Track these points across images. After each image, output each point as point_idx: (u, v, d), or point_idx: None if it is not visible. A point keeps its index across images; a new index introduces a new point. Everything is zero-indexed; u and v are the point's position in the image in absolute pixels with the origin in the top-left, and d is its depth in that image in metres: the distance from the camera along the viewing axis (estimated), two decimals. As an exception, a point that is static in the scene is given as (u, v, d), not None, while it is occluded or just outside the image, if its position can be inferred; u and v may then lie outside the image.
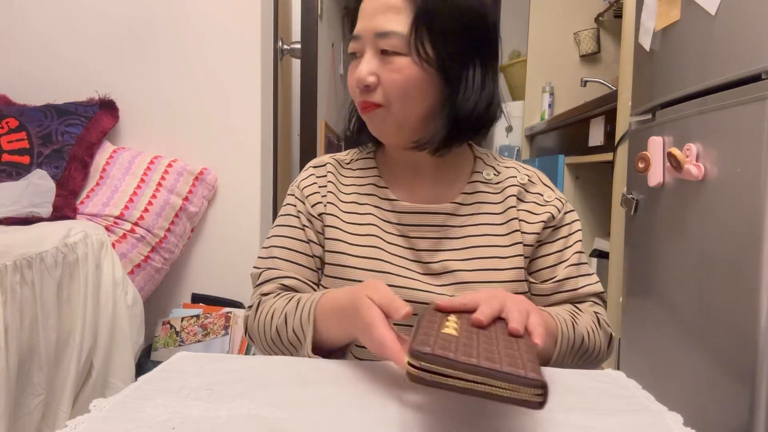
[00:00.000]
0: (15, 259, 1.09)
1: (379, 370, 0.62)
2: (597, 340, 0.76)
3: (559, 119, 2.52)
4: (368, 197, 0.81)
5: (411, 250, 0.77)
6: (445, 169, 0.81)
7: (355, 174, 0.84)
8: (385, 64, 0.72)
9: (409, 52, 0.71)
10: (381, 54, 0.72)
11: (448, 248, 0.77)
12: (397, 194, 0.80)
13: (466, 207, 0.79)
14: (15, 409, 1.08)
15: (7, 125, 1.62)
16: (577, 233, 0.82)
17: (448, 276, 0.75)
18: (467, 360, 0.43)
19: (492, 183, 0.81)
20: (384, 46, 0.72)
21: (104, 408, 0.51)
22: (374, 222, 0.79)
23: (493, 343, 0.49)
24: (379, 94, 0.73)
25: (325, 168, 0.84)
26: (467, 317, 0.55)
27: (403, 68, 0.72)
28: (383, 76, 0.73)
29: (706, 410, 1.05)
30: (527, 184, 0.81)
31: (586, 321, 0.76)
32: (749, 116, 0.95)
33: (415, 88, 0.73)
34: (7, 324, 1.04)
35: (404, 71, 0.72)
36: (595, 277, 0.82)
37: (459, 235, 0.77)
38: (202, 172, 1.76)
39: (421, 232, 0.77)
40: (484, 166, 0.83)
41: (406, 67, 0.72)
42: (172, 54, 1.83)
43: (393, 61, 0.72)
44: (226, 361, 0.64)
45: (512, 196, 0.79)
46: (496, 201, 0.80)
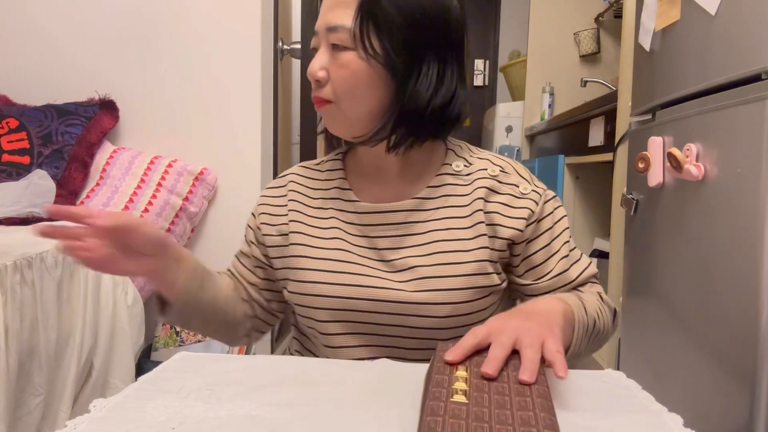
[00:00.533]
0: (15, 259, 1.09)
1: (379, 371, 0.62)
2: (605, 319, 0.76)
3: (559, 119, 2.52)
4: (332, 201, 0.81)
5: (374, 249, 0.76)
6: (411, 166, 0.80)
7: (324, 176, 0.84)
8: (334, 60, 0.72)
9: (356, 46, 0.71)
10: (332, 49, 0.72)
11: (410, 245, 0.75)
12: (361, 194, 0.80)
13: (431, 201, 0.77)
14: (15, 409, 1.08)
15: (7, 125, 1.62)
16: (561, 221, 0.79)
17: (408, 272, 0.74)
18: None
19: (461, 175, 0.78)
20: (333, 41, 0.72)
21: (104, 408, 0.51)
22: (337, 225, 0.79)
23: (506, 398, 0.48)
24: (328, 90, 0.73)
25: (285, 187, 0.85)
26: (477, 367, 0.53)
27: (350, 63, 0.71)
28: (332, 71, 0.73)
29: (706, 410, 1.05)
30: (499, 175, 0.78)
31: (593, 302, 0.75)
32: (749, 116, 0.95)
33: (361, 84, 0.72)
34: (7, 324, 1.04)
35: (350, 66, 0.71)
36: (586, 259, 0.80)
37: (422, 231, 0.76)
38: (202, 172, 1.76)
39: (381, 231, 0.77)
40: (455, 158, 0.80)
41: (353, 61, 0.71)
42: (172, 54, 1.83)
43: (340, 57, 0.72)
44: (226, 361, 0.64)
45: (482, 188, 0.76)
46: (463, 193, 0.77)
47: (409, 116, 0.73)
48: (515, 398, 0.48)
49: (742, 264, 0.95)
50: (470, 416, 0.45)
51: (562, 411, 0.50)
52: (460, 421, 0.44)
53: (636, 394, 0.57)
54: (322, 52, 0.73)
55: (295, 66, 2.34)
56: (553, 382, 0.55)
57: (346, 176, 0.83)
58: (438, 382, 0.50)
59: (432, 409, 0.46)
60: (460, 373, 0.51)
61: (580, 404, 0.53)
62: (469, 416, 0.45)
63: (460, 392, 0.48)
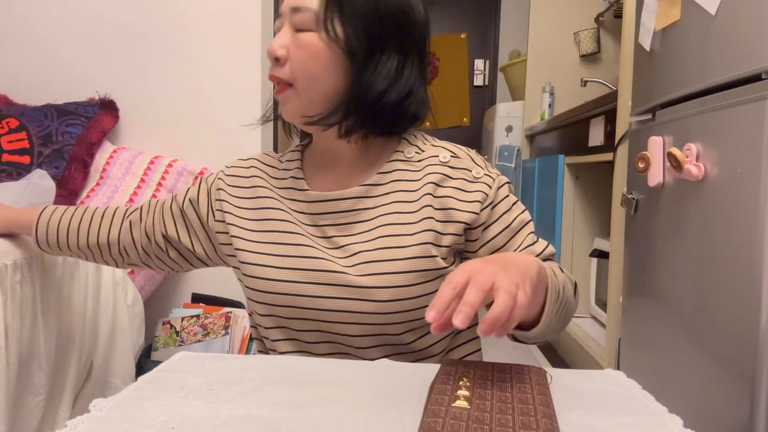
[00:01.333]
0: (15, 259, 1.09)
1: (379, 371, 0.62)
2: (570, 289, 0.72)
3: (559, 119, 2.52)
4: (287, 191, 0.82)
5: (324, 238, 0.77)
6: (364, 155, 0.80)
7: (282, 166, 0.85)
8: (296, 40, 0.73)
9: (318, 28, 0.72)
10: (295, 31, 0.74)
11: (357, 231, 0.76)
12: (313, 184, 0.81)
13: (380, 187, 0.77)
14: (15, 409, 1.08)
15: (8, 125, 1.62)
16: (517, 204, 0.78)
17: (353, 257, 0.74)
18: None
19: (412, 161, 0.79)
20: (296, 22, 0.73)
21: (104, 408, 0.51)
22: (287, 218, 0.80)
23: (508, 405, 0.48)
24: (286, 70, 0.74)
25: (248, 171, 0.87)
26: (480, 378, 0.54)
27: (311, 44, 0.73)
28: (292, 51, 0.74)
29: (706, 410, 1.05)
30: (451, 160, 0.78)
31: (558, 271, 0.71)
32: (749, 116, 0.95)
33: (320, 66, 0.73)
34: (7, 324, 1.04)
35: (311, 47, 0.73)
36: (545, 242, 0.79)
37: (370, 217, 0.76)
38: (202, 172, 1.76)
39: (330, 219, 0.78)
40: (407, 146, 0.81)
41: (313, 43, 0.73)
42: (172, 54, 1.83)
43: (302, 37, 0.73)
44: (226, 361, 0.64)
45: (433, 173, 0.76)
46: (413, 179, 0.77)
47: (362, 104, 0.74)
48: (517, 405, 0.48)
49: (742, 264, 0.95)
50: (471, 419, 0.45)
51: (563, 411, 0.50)
52: (461, 423, 0.44)
53: (636, 394, 0.57)
54: (284, 32, 0.74)
55: (295, 66, 2.34)
56: (554, 383, 0.55)
57: (302, 167, 0.84)
58: (441, 390, 0.50)
59: (433, 412, 0.46)
60: (464, 383, 0.51)
61: (580, 404, 0.53)
62: (470, 419, 0.45)
63: (463, 398, 0.48)
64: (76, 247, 0.97)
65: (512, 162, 3.12)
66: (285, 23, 0.75)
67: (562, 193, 2.42)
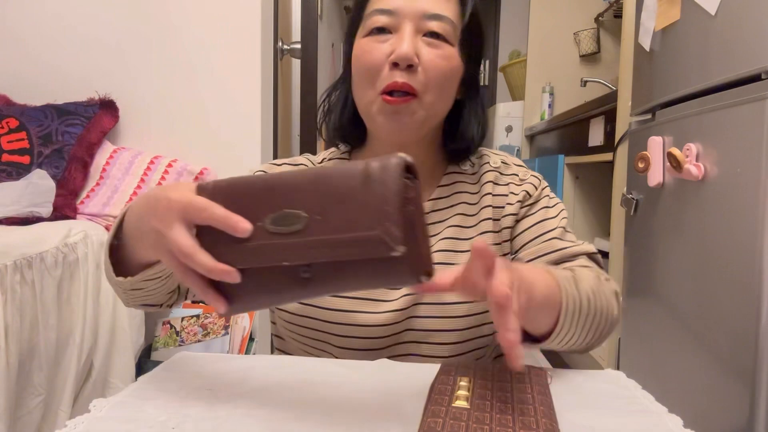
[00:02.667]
0: (15, 259, 1.09)
1: (379, 371, 0.62)
2: (605, 299, 0.64)
3: (559, 119, 2.52)
4: None
5: None
6: (422, 167, 0.80)
7: None
8: (432, 48, 0.69)
9: (455, 42, 0.70)
10: (423, 36, 0.69)
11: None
12: None
13: (443, 200, 0.77)
14: (15, 409, 1.08)
15: (8, 125, 1.62)
16: (557, 206, 0.76)
17: None
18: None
19: (467, 173, 0.80)
20: (435, 29, 0.69)
21: (104, 408, 0.51)
22: None
23: (508, 405, 0.48)
24: (419, 79, 0.68)
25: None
26: (480, 378, 0.54)
27: (452, 57, 0.70)
28: (427, 59, 0.68)
29: (706, 410, 1.05)
30: (501, 166, 0.79)
31: (588, 278, 0.64)
32: (749, 116, 0.95)
33: (453, 81, 0.72)
34: (8, 324, 1.04)
35: (453, 61, 0.70)
36: (586, 242, 0.75)
37: (435, 232, 0.75)
38: (202, 172, 1.76)
39: None
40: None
41: (455, 57, 0.70)
42: (172, 54, 1.83)
43: (442, 47, 0.69)
44: (226, 361, 0.64)
45: (489, 182, 0.77)
46: (472, 191, 0.78)
47: (474, 125, 0.76)
48: (517, 405, 0.48)
49: (742, 263, 0.95)
50: (471, 419, 0.45)
51: (563, 411, 0.50)
52: (461, 423, 0.44)
53: (636, 394, 0.57)
54: (410, 36, 0.68)
55: (295, 66, 2.34)
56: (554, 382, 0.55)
57: None
58: (440, 390, 0.50)
59: (433, 412, 0.46)
60: (464, 383, 0.51)
61: (579, 404, 0.53)
62: (470, 419, 0.45)
63: (463, 398, 0.48)
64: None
65: (512, 162, 3.11)
66: (405, 25, 0.69)
67: (561, 193, 2.42)
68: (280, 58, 2.05)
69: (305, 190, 0.44)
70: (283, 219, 0.44)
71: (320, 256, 0.43)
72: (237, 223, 0.46)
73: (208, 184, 0.49)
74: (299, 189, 0.44)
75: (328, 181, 0.44)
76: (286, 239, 0.44)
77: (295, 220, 0.44)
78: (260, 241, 0.45)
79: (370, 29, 0.71)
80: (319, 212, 0.43)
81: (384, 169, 0.43)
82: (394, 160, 0.43)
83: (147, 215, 0.52)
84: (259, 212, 0.45)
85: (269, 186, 0.46)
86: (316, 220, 0.43)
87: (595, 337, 0.63)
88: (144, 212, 0.53)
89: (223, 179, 0.49)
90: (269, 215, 0.45)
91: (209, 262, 0.47)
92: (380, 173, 0.43)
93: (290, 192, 0.45)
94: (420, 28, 0.69)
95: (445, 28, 0.69)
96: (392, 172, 0.43)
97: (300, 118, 2.26)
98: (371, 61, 0.69)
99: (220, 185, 0.48)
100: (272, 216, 0.44)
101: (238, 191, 0.47)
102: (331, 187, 0.43)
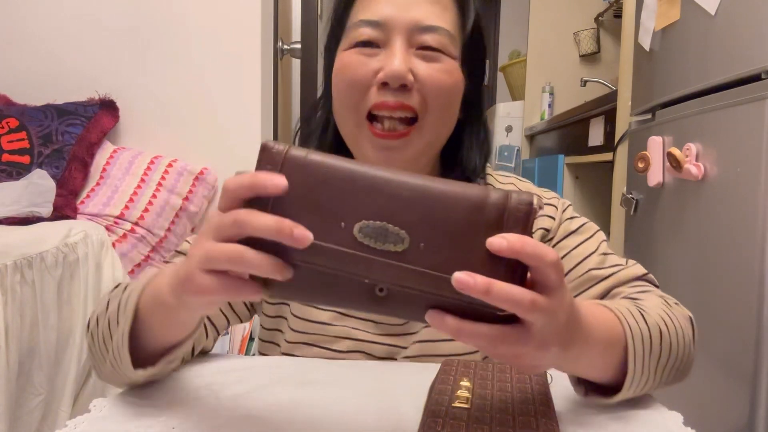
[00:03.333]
0: (15, 259, 1.09)
1: (379, 371, 0.62)
2: (678, 329, 0.53)
3: (559, 119, 2.52)
4: None
5: None
6: None
7: None
8: (429, 61, 0.60)
9: (456, 55, 0.62)
10: (416, 50, 0.60)
11: None
12: None
13: None
14: (15, 409, 1.08)
15: (8, 125, 1.62)
16: (586, 228, 0.68)
17: None
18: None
19: None
20: (431, 43, 0.60)
21: (104, 408, 0.51)
22: None
23: (508, 405, 0.48)
24: (415, 98, 0.59)
25: None
26: (480, 378, 0.54)
27: (453, 70, 0.61)
28: (424, 74, 0.59)
29: (706, 410, 1.05)
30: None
31: (654, 304, 0.55)
32: (749, 116, 0.95)
33: (456, 99, 0.62)
34: (8, 324, 1.04)
35: (453, 74, 0.61)
36: (632, 262, 0.65)
37: None
38: (202, 172, 1.76)
39: None
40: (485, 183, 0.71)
41: (455, 70, 0.61)
42: (172, 54, 1.83)
43: (441, 59, 0.60)
44: (226, 361, 0.64)
45: None
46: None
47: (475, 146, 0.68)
48: (517, 405, 0.48)
49: (742, 263, 0.95)
50: (471, 419, 0.45)
51: (562, 410, 0.50)
52: (461, 423, 0.44)
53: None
54: (402, 51, 0.59)
55: (295, 66, 2.34)
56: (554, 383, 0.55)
57: None
58: (441, 390, 0.50)
59: (433, 412, 0.46)
60: (464, 383, 0.51)
61: (579, 404, 0.53)
62: (470, 419, 0.45)
63: (463, 398, 0.49)
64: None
65: (512, 162, 3.12)
66: (396, 39, 0.60)
67: (561, 193, 2.42)
68: (280, 58, 2.05)
69: (409, 206, 0.38)
70: (379, 233, 0.38)
71: (414, 286, 0.38)
72: (292, 231, 0.36)
73: (297, 156, 0.39)
74: (401, 200, 0.38)
75: (437, 206, 0.38)
76: (375, 255, 0.38)
77: (393, 238, 0.38)
78: (341, 247, 0.38)
79: (353, 42, 0.61)
80: (424, 239, 0.38)
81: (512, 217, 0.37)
82: (523, 208, 0.37)
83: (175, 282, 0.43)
84: (347, 213, 0.38)
85: (367, 186, 0.38)
86: (419, 247, 0.38)
87: (671, 377, 0.53)
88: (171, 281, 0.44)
89: (319, 155, 0.39)
90: (361, 221, 0.38)
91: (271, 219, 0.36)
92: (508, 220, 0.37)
93: (390, 201, 0.38)
94: (413, 42, 0.60)
95: (442, 42, 0.60)
96: (521, 222, 0.37)
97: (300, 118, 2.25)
98: (355, 77, 0.60)
99: (314, 163, 0.39)
100: (365, 224, 0.38)
101: (330, 179, 0.38)
102: (441, 213, 0.38)
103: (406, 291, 0.38)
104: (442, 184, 0.38)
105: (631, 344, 0.48)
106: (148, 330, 0.49)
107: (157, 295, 0.46)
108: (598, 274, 0.62)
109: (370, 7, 0.61)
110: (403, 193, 0.38)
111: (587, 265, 0.63)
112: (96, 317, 0.55)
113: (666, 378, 0.52)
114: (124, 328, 0.48)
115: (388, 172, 0.39)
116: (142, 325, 0.49)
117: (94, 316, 0.56)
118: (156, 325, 0.49)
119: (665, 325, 0.51)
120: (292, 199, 0.38)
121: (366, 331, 0.66)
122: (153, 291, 0.48)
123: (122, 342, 0.49)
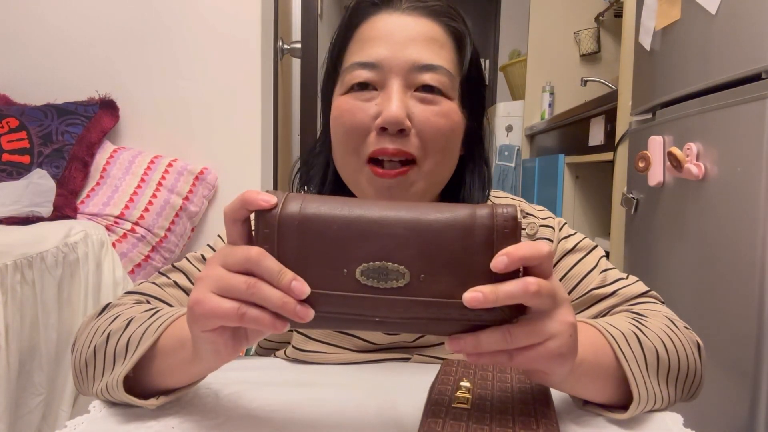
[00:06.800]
0: (15, 259, 1.09)
1: (379, 371, 0.62)
2: (683, 348, 0.54)
3: (559, 119, 2.52)
4: None
5: None
6: None
7: None
8: (427, 105, 0.58)
9: (454, 95, 0.60)
10: (414, 92, 0.59)
11: None
12: None
13: None
14: (15, 409, 1.08)
15: (8, 125, 1.62)
16: (582, 244, 0.68)
17: None
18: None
19: None
20: (429, 81, 0.58)
21: (104, 408, 0.51)
22: None
23: (508, 405, 0.48)
24: (413, 143, 0.58)
25: None
26: (480, 379, 0.54)
27: (451, 112, 0.59)
28: (421, 119, 0.58)
29: (706, 410, 1.05)
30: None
31: (657, 324, 0.55)
32: (749, 116, 0.95)
33: (455, 141, 0.61)
34: (8, 324, 1.04)
35: (452, 117, 0.59)
36: (633, 278, 0.66)
37: None
38: (202, 172, 1.76)
39: None
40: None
41: (454, 111, 0.59)
42: (172, 54, 1.83)
43: (438, 102, 0.59)
44: (226, 361, 0.64)
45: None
46: None
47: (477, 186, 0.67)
48: (517, 405, 0.48)
49: (742, 263, 0.95)
50: (471, 419, 0.45)
51: (563, 412, 0.50)
52: (461, 423, 0.44)
53: (636, 393, 0.56)
54: (399, 93, 0.57)
55: (295, 66, 2.34)
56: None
57: None
58: (441, 390, 0.50)
59: (433, 412, 0.46)
60: (464, 384, 0.51)
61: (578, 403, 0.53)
62: (470, 419, 0.45)
63: (463, 398, 0.49)
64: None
65: (512, 162, 3.12)
66: (392, 80, 0.58)
67: (562, 193, 2.42)
68: (280, 58, 2.05)
69: (405, 243, 0.39)
70: (380, 272, 0.39)
71: (423, 315, 0.40)
72: (291, 282, 0.39)
73: (292, 214, 0.40)
74: (396, 238, 0.39)
75: (431, 237, 0.39)
76: (380, 294, 0.39)
77: (395, 275, 0.39)
78: (347, 292, 0.39)
79: (349, 86, 0.60)
80: (423, 270, 0.39)
81: (500, 235, 0.39)
82: (509, 224, 0.39)
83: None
84: (347, 259, 0.39)
85: (363, 230, 0.39)
86: (419, 279, 0.39)
87: (679, 395, 0.54)
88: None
89: (313, 205, 0.40)
90: (361, 264, 0.39)
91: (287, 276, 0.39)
92: (497, 239, 0.39)
93: (386, 240, 0.39)
94: (411, 83, 0.58)
95: (441, 80, 0.58)
96: (510, 237, 0.39)
97: (300, 118, 2.26)
98: (353, 124, 0.59)
99: (308, 220, 0.40)
100: (366, 267, 0.39)
101: (326, 231, 0.40)
102: (435, 244, 0.39)
103: (414, 320, 0.40)
104: (432, 211, 0.40)
105: (629, 367, 0.48)
106: (155, 373, 0.49)
107: (181, 336, 0.47)
108: (600, 292, 0.63)
109: (364, 49, 0.60)
110: (398, 231, 0.39)
111: (589, 284, 0.64)
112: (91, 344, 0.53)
113: (676, 394, 0.53)
114: (121, 373, 0.48)
115: (381, 210, 0.40)
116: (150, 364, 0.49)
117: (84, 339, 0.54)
118: (166, 369, 0.49)
119: (663, 344, 0.52)
120: (294, 255, 0.40)
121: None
122: (175, 332, 0.48)
123: (116, 385, 0.48)
